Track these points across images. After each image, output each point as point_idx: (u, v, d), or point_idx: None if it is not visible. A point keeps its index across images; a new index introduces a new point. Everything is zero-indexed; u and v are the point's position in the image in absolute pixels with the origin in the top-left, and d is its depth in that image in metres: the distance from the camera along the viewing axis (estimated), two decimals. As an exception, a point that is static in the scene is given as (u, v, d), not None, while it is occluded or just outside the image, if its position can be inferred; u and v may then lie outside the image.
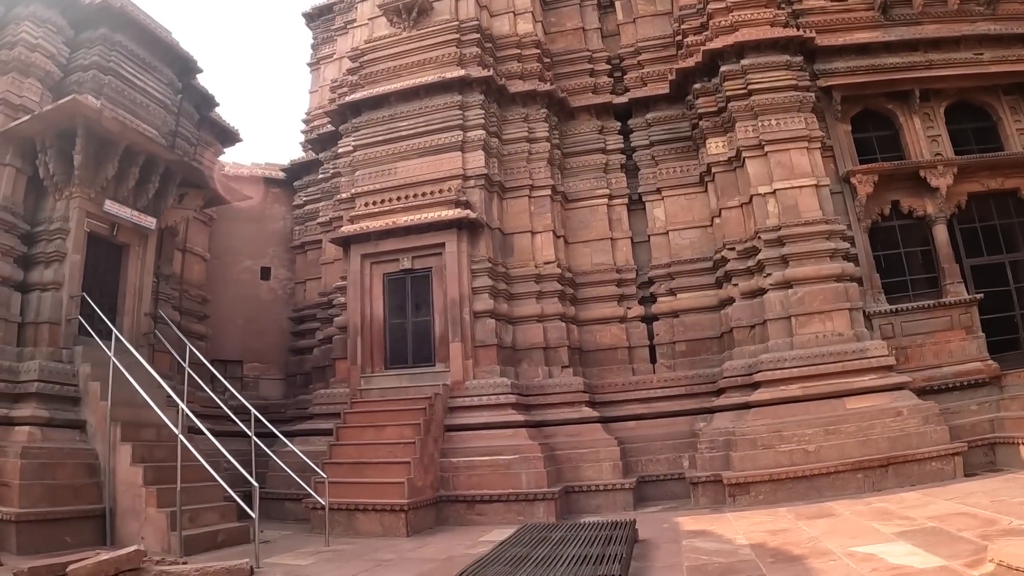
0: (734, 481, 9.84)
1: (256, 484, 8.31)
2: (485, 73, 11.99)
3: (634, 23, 13.61)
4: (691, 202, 12.37)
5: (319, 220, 14.03)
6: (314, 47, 16.11)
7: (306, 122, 15.54)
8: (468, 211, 11.30)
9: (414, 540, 9.09)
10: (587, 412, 11.12)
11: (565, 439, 10.86)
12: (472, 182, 11.71)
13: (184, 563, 7.47)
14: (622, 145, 12.89)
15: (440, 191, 11.60)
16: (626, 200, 12.69)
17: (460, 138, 11.88)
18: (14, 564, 7.72)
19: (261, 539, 9.38)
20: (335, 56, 15.21)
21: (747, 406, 10.61)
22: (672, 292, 12.13)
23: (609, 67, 13.45)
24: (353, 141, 12.54)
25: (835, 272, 10.88)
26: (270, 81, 56.66)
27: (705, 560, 6.54)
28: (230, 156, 14.33)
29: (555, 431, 10.95)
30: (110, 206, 10.43)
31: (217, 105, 13.13)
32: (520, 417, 10.61)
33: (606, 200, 12.58)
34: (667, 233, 12.37)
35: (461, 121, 11.95)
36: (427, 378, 11.12)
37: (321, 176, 14.26)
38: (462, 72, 11.99)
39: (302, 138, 15.50)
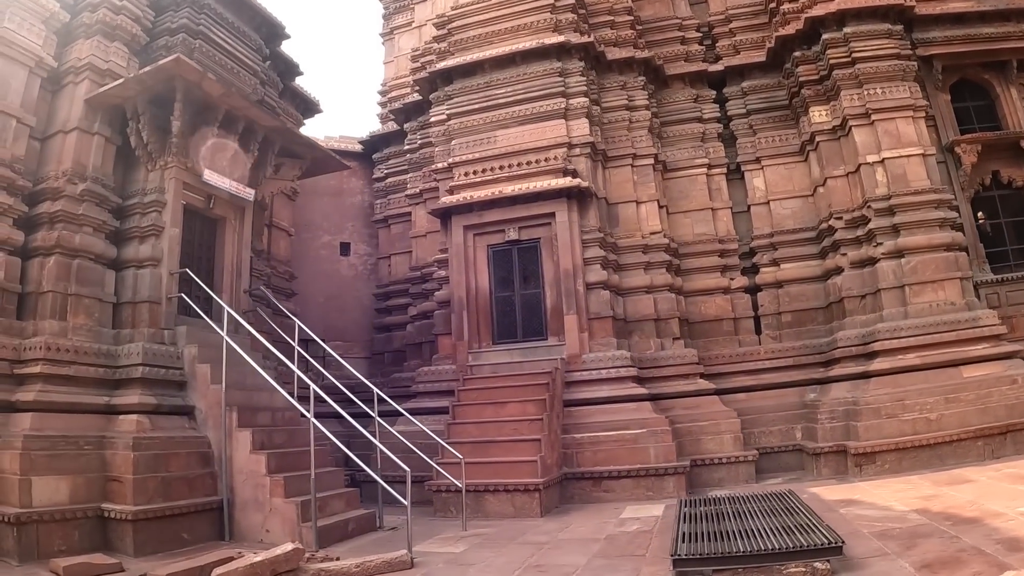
0: (860, 451, 8.84)
1: (407, 468, 7.01)
2: (585, 39, 10.59)
3: (722, -10, 12.16)
4: (791, 171, 11.14)
5: (407, 192, 12.48)
6: (385, 17, 14.37)
7: (382, 93, 13.88)
8: (579, 180, 9.94)
9: (551, 520, 7.93)
10: (703, 384, 9.95)
11: (683, 412, 9.70)
12: (577, 150, 10.35)
13: (337, 558, 6.15)
14: (718, 114, 11.54)
15: (546, 159, 10.20)
16: (724, 170, 11.45)
17: (563, 105, 10.48)
18: (136, 568, 6.39)
19: (388, 525, 8.11)
20: (413, 24, 13.56)
21: (865, 376, 9.61)
22: (775, 262, 10.96)
23: (699, 35, 12.13)
24: (446, 109, 11.01)
25: (946, 241, 9.85)
26: (335, 52, 51.09)
27: (881, 527, 5.75)
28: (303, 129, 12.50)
29: (671, 404, 9.79)
30: (209, 176, 8.79)
31: (300, 74, 11.49)
32: (643, 390, 9.48)
33: (705, 169, 11.31)
34: (768, 203, 11.18)
35: (562, 88, 10.56)
36: (539, 352, 9.81)
37: (407, 147, 12.69)
38: (561, 38, 10.55)
39: (378, 110, 13.87)
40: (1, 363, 7.27)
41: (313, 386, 7.41)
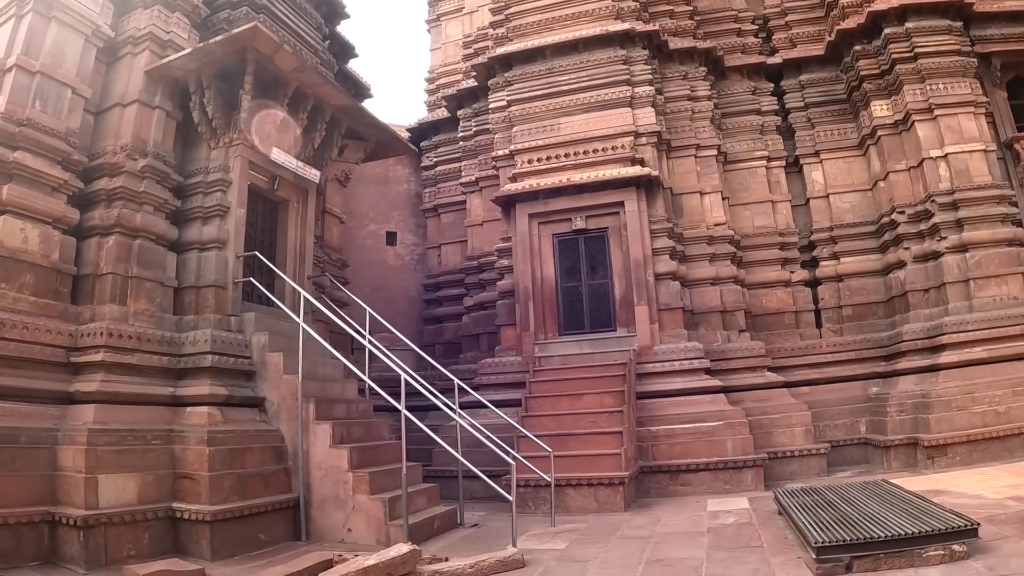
0: (933, 443, 8.37)
1: (512, 462, 6.32)
2: (649, 28, 9.92)
3: (778, -16, 11.58)
4: (850, 165, 10.61)
5: (462, 180, 11.62)
6: (431, 4, 13.51)
7: (429, 80, 13.01)
8: (648, 168, 9.22)
9: (637, 514, 7.29)
10: (771, 377, 9.37)
11: (753, 404, 9.11)
12: (644, 139, 9.66)
13: (446, 559, 5.50)
14: (776, 106, 10.95)
15: (612, 148, 9.51)
16: (783, 162, 10.84)
17: (628, 93, 9.79)
18: (218, 573, 5.51)
19: (470, 522, 7.36)
20: (463, 11, 12.67)
21: (932, 369, 9.10)
22: (835, 256, 10.42)
23: (755, 27, 11.49)
24: (506, 96, 10.25)
25: (1008, 236, 9.39)
26: (376, 37, 47.67)
27: (985, 513, 5.34)
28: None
29: (741, 397, 9.20)
30: (277, 155, 7.90)
31: (356, 56, 10.60)
32: (717, 382, 8.86)
33: (764, 162, 10.70)
34: (827, 196, 10.61)
35: (628, 76, 9.86)
36: (609, 344, 9.11)
37: (461, 134, 11.83)
38: (626, 26, 9.85)
39: (424, 97, 12.97)
40: (56, 350, 6.33)
41: (405, 376, 6.61)
